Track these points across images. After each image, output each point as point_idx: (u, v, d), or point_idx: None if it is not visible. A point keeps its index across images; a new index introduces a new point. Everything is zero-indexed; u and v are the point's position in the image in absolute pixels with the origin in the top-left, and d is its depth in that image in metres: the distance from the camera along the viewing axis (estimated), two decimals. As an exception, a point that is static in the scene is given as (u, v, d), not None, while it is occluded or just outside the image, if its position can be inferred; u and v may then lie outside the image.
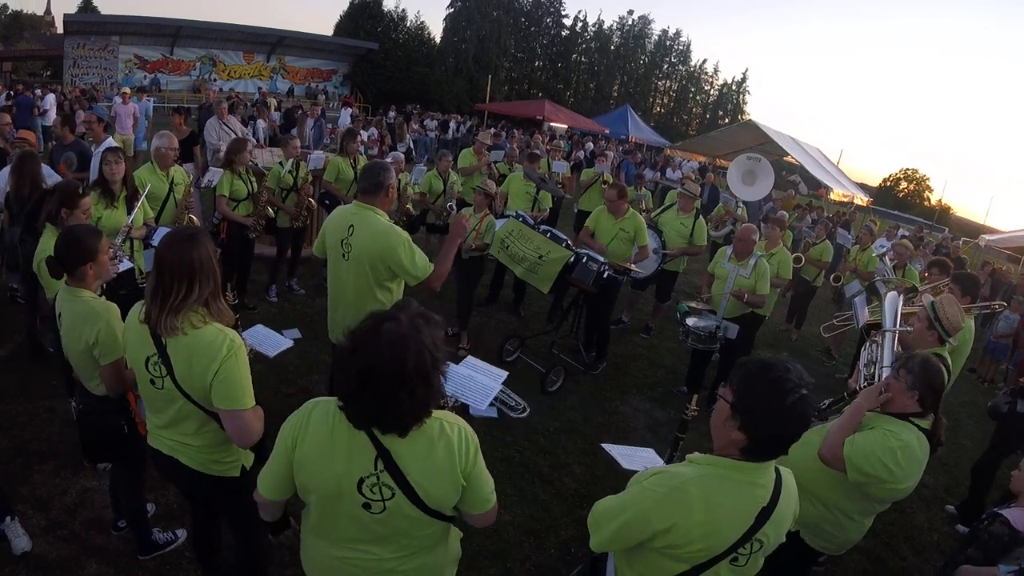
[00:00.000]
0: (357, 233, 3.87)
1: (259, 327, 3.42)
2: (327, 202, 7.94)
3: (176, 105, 13.50)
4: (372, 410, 1.80)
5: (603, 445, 3.30)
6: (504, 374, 3.11)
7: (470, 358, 3.17)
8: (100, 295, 3.11)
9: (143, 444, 3.29)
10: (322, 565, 2.12)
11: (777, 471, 2.06)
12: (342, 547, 2.03)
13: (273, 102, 24.37)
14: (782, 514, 2.03)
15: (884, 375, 3.95)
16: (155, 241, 5.27)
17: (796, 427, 1.90)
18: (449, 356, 2.05)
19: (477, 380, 2.98)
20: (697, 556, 1.98)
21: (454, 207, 8.20)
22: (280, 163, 7.27)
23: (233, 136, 8.86)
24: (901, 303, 4.40)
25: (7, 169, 5.56)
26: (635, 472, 2.25)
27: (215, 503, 2.96)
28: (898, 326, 4.18)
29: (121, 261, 3.86)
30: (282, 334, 3.37)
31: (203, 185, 6.45)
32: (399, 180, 7.76)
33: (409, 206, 7.83)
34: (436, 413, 1.94)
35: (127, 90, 13.86)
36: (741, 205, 10.92)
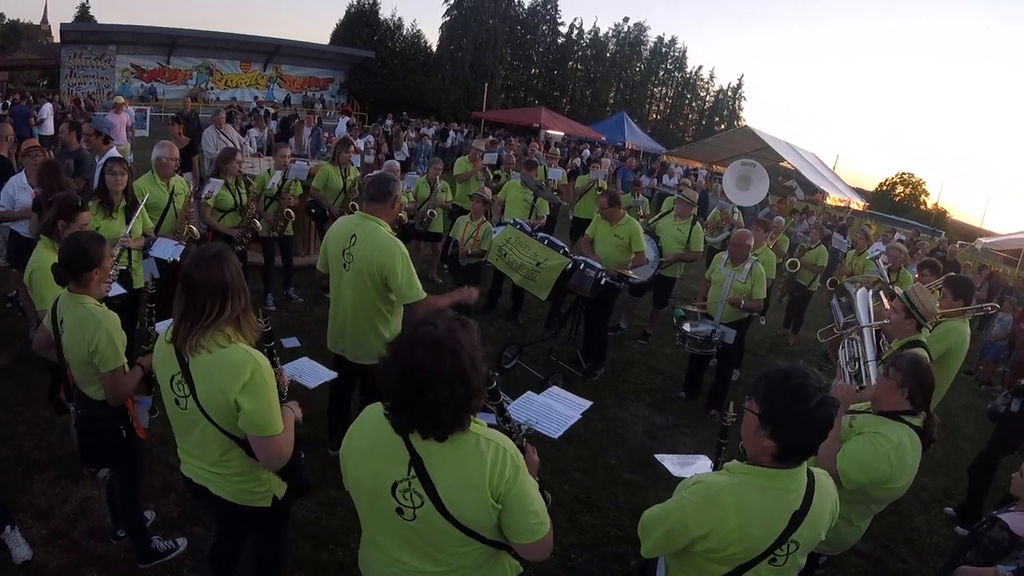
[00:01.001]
0: (359, 243, 3.88)
1: (305, 359, 3.46)
2: (313, 211, 7.94)
3: (174, 113, 13.45)
4: (413, 409, 1.83)
5: (656, 456, 3.33)
6: (587, 404, 3.13)
7: (555, 388, 3.19)
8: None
9: (141, 450, 3.32)
10: (374, 566, 2.14)
11: (810, 474, 2.16)
12: (386, 553, 2.05)
13: (271, 111, 24.39)
14: (817, 515, 2.13)
15: (870, 369, 4.03)
16: (154, 251, 5.30)
17: (822, 429, 2.02)
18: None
19: (554, 408, 2.98)
20: (736, 559, 2.09)
21: (435, 213, 8.24)
22: (268, 171, 7.29)
23: (230, 145, 8.87)
24: (871, 297, 4.53)
25: (18, 177, 5.60)
26: (681, 479, 2.35)
27: (245, 531, 2.94)
28: (872, 320, 4.30)
29: (113, 283, 3.85)
30: (281, 343, 3.37)
31: (203, 196, 6.46)
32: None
33: (402, 214, 7.85)
34: (476, 428, 1.94)
35: (120, 99, 13.82)
36: (737, 211, 10.95)
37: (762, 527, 2.07)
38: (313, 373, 3.36)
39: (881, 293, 5.32)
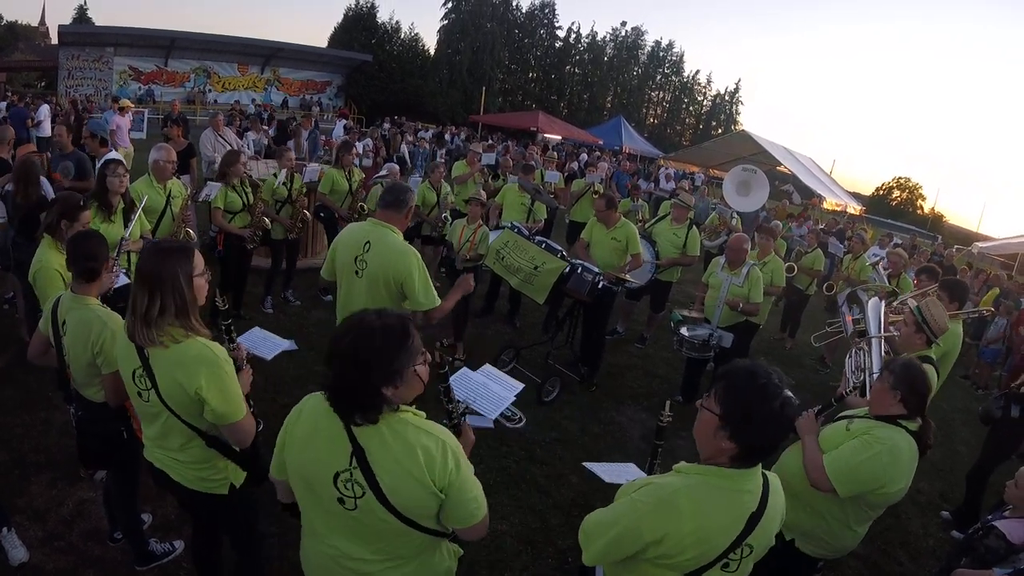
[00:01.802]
0: (374, 250, 3.85)
1: (256, 330, 3.50)
2: (322, 215, 7.98)
3: (168, 116, 13.44)
4: (334, 390, 1.94)
5: (584, 464, 3.37)
6: (520, 386, 3.11)
7: (488, 366, 3.17)
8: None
9: (140, 452, 3.31)
10: (314, 563, 2.19)
11: (764, 475, 2.08)
12: (327, 543, 2.08)
13: (272, 115, 24.42)
14: (771, 518, 2.04)
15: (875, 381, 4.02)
16: (152, 254, 5.29)
17: (784, 431, 1.94)
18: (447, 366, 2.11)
19: (491, 389, 2.98)
20: (689, 564, 1.98)
21: (448, 217, 8.25)
22: (274, 174, 7.29)
23: (228, 148, 8.88)
24: (883, 308, 4.48)
25: None
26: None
27: (210, 518, 2.98)
28: (883, 331, 4.25)
29: (118, 276, 3.87)
30: (232, 321, 3.37)
31: (200, 199, 6.46)
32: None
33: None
34: (416, 421, 2.02)
35: (127, 102, 13.78)
36: (736, 216, 10.97)
37: (719, 530, 1.96)
38: (268, 344, 3.39)
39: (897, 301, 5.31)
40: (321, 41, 53.26)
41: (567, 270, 5.95)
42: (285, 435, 2.12)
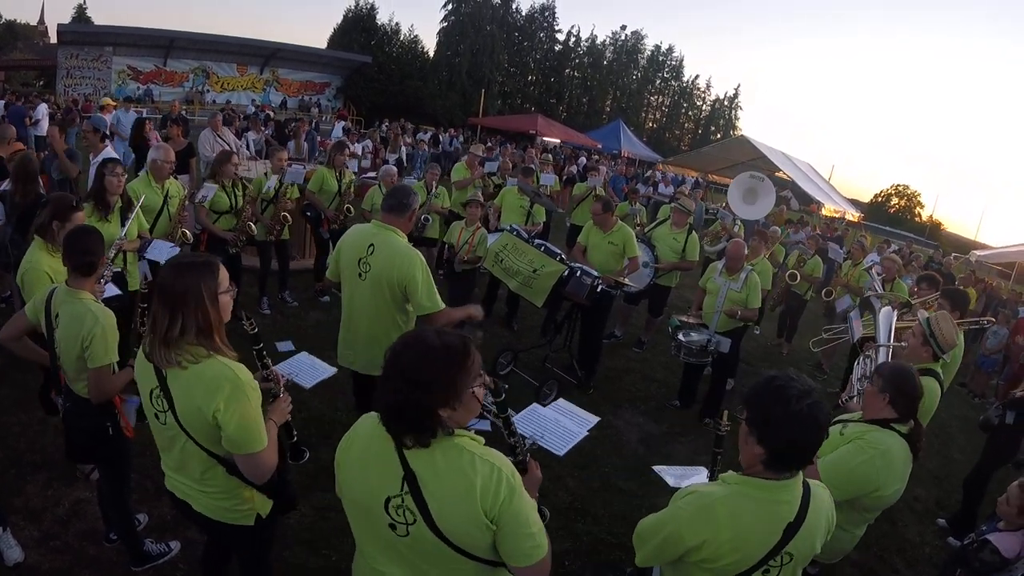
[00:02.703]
0: (377, 252, 3.83)
1: (303, 355, 3.40)
2: (308, 213, 7.94)
3: (167, 116, 13.37)
4: (388, 408, 1.86)
5: (655, 468, 3.35)
6: (595, 420, 3.11)
7: (562, 401, 3.17)
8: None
9: (128, 448, 3.30)
10: None
11: (806, 486, 2.14)
12: (376, 566, 2.01)
13: (271, 115, 24.42)
14: (812, 527, 2.11)
15: None
16: (150, 253, 5.28)
17: (809, 433, 1.99)
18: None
19: (561, 423, 2.95)
20: (729, 569, 2.09)
21: (429, 219, 8.24)
22: (265, 174, 7.28)
23: (225, 148, 8.86)
24: (895, 318, 4.46)
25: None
26: (678, 489, 2.36)
27: (230, 547, 2.91)
28: (892, 341, 4.24)
29: (107, 284, 3.85)
30: (275, 347, 3.32)
31: (197, 200, 6.44)
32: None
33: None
34: (471, 446, 1.92)
35: (108, 100, 13.77)
36: (739, 222, 10.96)
37: (755, 538, 2.06)
38: (310, 372, 3.28)
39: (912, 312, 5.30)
40: (320, 42, 53.24)
41: (566, 273, 5.95)
42: (340, 455, 2.04)
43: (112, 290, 3.95)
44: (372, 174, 8.78)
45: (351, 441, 2.04)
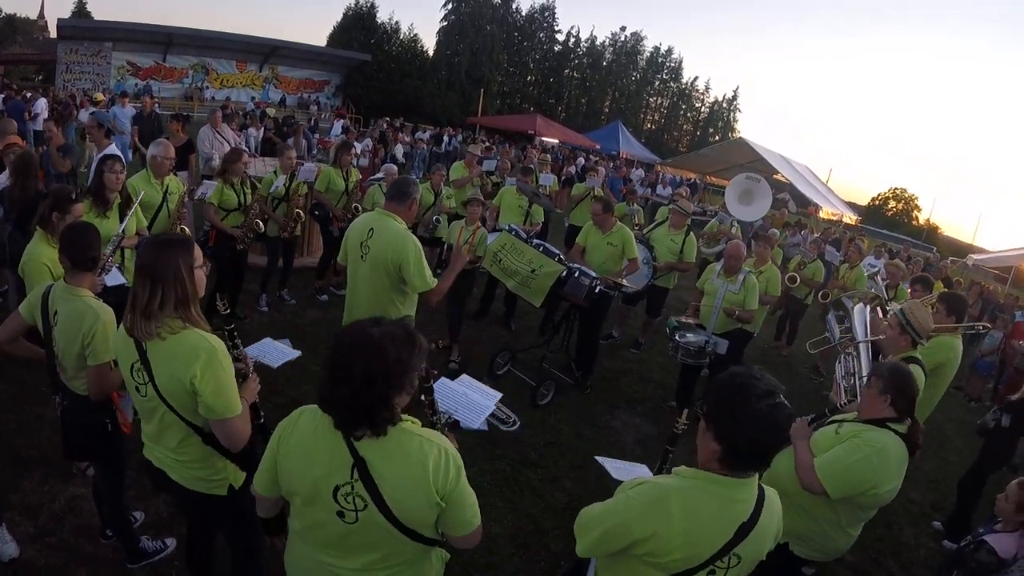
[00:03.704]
0: (376, 236, 4.12)
1: (266, 340, 3.49)
2: (316, 212, 7.96)
3: (172, 112, 13.34)
4: (331, 403, 1.90)
5: (596, 457, 3.38)
6: (498, 395, 3.18)
7: (465, 376, 3.23)
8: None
9: (124, 445, 3.29)
10: (301, 567, 2.16)
11: (761, 489, 2.08)
12: (321, 553, 2.06)
13: (269, 113, 24.39)
14: (763, 532, 2.04)
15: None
16: (147, 251, 5.27)
17: (768, 434, 1.91)
18: (440, 368, 2.10)
19: (471, 398, 3.03)
20: (675, 565, 2.00)
21: (440, 219, 8.25)
22: (275, 172, 7.28)
23: (226, 145, 8.85)
24: (868, 313, 4.55)
25: (5, 174, 5.60)
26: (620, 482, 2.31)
27: (208, 518, 2.96)
28: (870, 335, 4.32)
29: (109, 272, 3.86)
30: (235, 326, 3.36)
31: (196, 197, 6.43)
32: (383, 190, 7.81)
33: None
34: (415, 429, 2.00)
35: (99, 95, 13.75)
36: (736, 224, 10.97)
37: (708, 535, 1.98)
38: (276, 352, 3.40)
39: (878, 308, 5.35)
40: (320, 40, 53.31)
41: (564, 274, 5.94)
42: (278, 449, 2.07)
43: (116, 277, 3.98)
44: (381, 174, 8.75)
45: (289, 434, 2.07)
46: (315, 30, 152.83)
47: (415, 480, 1.92)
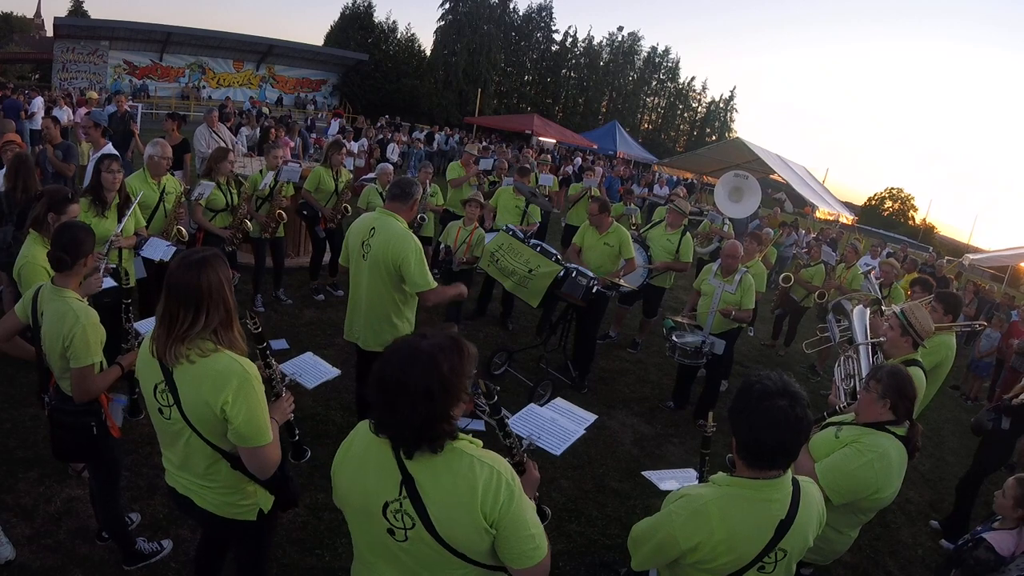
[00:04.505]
0: (377, 235, 4.17)
1: (308, 355, 3.37)
2: (305, 212, 7.91)
3: (169, 112, 13.29)
4: (384, 421, 1.83)
5: (643, 472, 3.44)
6: (593, 417, 3.11)
7: (560, 400, 3.20)
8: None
9: (117, 449, 3.27)
10: None
11: (795, 482, 2.18)
12: (378, 569, 1.99)
13: (266, 111, 24.38)
14: (803, 524, 2.15)
15: None
16: (145, 251, 5.25)
17: (777, 431, 2.01)
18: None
19: (559, 424, 2.94)
20: (725, 568, 2.13)
21: (425, 217, 8.24)
22: (261, 171, 7.26)
23: (221, 144, 8.83)
24: (868, 316, 4.55)
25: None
26: (668, 492, 2.39)
27: (229, 543, 2.89)
28: (869, 338, 4.31)
29: (105, 276, 3.83)
30: (269, 345, 3.28)
31: (193, 198, 6.41)
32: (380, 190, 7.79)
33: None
34: (469, 449, 1.88)
35: (93, 94, 13.71)
36: (727, 222, 10.98)
37: (749, 537, 2.10)
38: (314, 371, 3.24)
39: (879, 311, 5.35)
40: (317, 39, 53.23)
41: (562, 274, 5.94)
42: (337, 462, 2.01)
43: (109, 281, 3.95)
44: (369, 175, 8.74)
45: (347, 447, 2.01)
46: (312, 29, 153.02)
47: (461, 503, 1.81)
